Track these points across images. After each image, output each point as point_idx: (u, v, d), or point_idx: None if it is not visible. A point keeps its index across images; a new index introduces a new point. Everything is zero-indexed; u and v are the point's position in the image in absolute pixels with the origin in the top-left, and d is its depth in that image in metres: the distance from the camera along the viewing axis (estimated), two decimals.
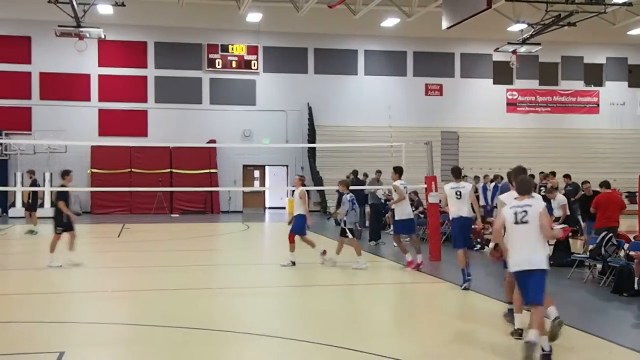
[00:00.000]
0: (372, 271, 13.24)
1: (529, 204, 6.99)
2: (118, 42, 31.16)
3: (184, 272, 12.78)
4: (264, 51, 33.07)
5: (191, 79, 32.45)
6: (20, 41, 30.85)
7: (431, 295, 11.11)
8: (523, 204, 7.00)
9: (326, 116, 33.01)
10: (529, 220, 6.89)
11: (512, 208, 7.04)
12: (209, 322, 8.58)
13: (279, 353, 7.34)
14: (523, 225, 6.91)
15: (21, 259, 12.82)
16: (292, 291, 11.40)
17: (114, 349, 7.44)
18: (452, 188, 11.18)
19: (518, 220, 6.93)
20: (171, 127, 31.44)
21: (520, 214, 6.94)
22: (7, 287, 11.28)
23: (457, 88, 35.19)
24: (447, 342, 7.76)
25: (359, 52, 34.28)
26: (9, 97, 30.57)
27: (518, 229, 6.94)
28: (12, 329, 8.24)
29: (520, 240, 6.93)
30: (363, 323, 8.86)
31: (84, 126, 30.71)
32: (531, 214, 6.90)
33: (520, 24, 27.68)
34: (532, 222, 6.88)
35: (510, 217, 6.99)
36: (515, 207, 7.02)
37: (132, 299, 10.57)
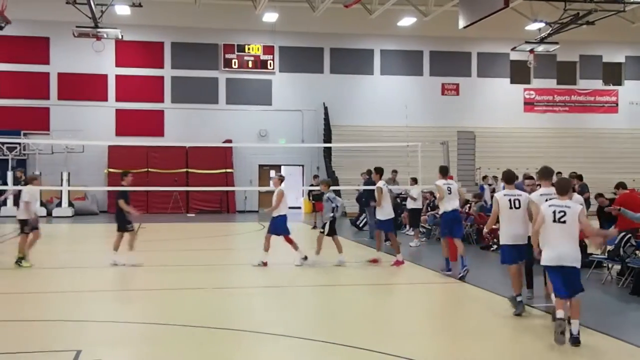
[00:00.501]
0: (388, 271, 13.19)
1: (569, 206, 7.45)
2: (135, 43, 31.36)
3: (200, 272, 12.81)
4: (280, 51, 33.11)
5: (207, 79, 32.56)
6: (39, 42, 31.15)
7: (448, 295, 11.04)
8: (563, 205, 7.45)
9: (342, 116, 32.97)
10: (567, 220, 7.35)
11: (551, 207, 7.47)
12: (225, 321, 8.58)
13: (296, 353, 7.33)
14: (561, 225, 7.36)
15: (40, 258, 12.91)
16: (308, 291, 11.37)
17: (130, 347, 7.46)
18: (444, 184, 12.19)
19: (556, 219, 7.38)
20: (187, 127, 31.58)
21: (559, 214, 7.39)
22: (26, 286, 11.36)
23: (473, 87, 34.99)
24: (463, 342, 7.70)
25: (375, 52, 34.20)
26: (28, 97, 30.89)
27: (555, 227, 7.38)
28: (31, 327, 8.30)
29: (557, 237, 7.38)
30: (379, 323, 8.82)
31: (101, 126, 30.95)
32: (570, 215, 7.36)
33: (538, 23, 27.45)
34: (569, 222, 7.35)
35: (549, 215, 7.42)
36: (554, 206, 7.46)
37: (148, 298, 10.61)
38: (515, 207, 8.99)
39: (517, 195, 9.08)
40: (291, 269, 13.11)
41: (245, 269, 13.04)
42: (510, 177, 9.36)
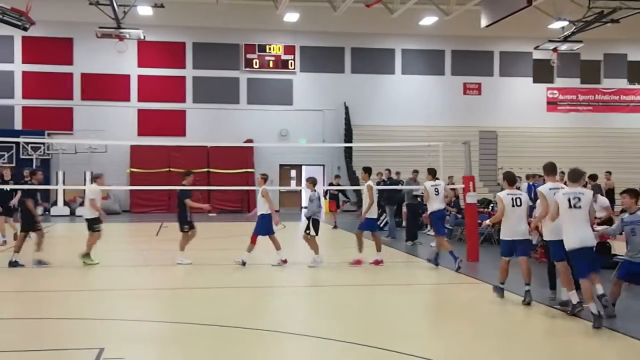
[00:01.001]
0: (408, 271, 13.14)
1: (582, 192, 8.28)
2: (157, 43, 31.58)
3: (221, 271, 12.85)
4: (301, 51, 33.14)
5: (229, 79, 32.68)
6: (63, 43, 31.49)
7: (467, 295, 10.95)
8: (577, 192, 8.24)
9: (363, 116, 32.91)
10: (582, 205, 8.14)
11: (565, 195, 8.23)
12: (245, 320, 8.59)
13: (313, 352, 7.31)
14: (577, 210, 8.13)
15: (60, 257, 13.05)
16: (327, 290, 11.35)
17: (152, 346, 7.50)
18: (432, 185, 13.44)
19: (572, 205, 8.13)
20: (209, 127, 31.72)
21: (574, 200, 8.15)
22: (49, 285, 11.48)
23: (496, 87, 34.74)
24: (481, 343, 7.63)
25: (396, 51, 34.09)
26: (52, 97, 31.24)
27: (572, 213, 8.13)
28: (55, 325, 8.38)
29: (575, 222, 8.11)
30: (397, 323, 8.77)
31: (124, 126, 31.21)
32: (584, 200, 8.16)
33: (561, 22, 27.17)
34: (584, 207, 8.15)
35: (565, 202, 8.17)
36: (568, 194, 8.21)
37: (169, 297, 10.67)
38: (517, 205, 9.73)
39: (519, 194, 9.91)
40: (311, 269, 13.09)
41: (265, 268, 13.05)
42: (511, 178, 10.10)
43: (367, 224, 13.44)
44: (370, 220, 13.45)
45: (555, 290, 10.01)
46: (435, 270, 13.19)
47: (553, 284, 10.01)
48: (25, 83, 31.27)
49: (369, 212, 13.30)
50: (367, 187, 13.32)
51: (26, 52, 31.21)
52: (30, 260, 12.88)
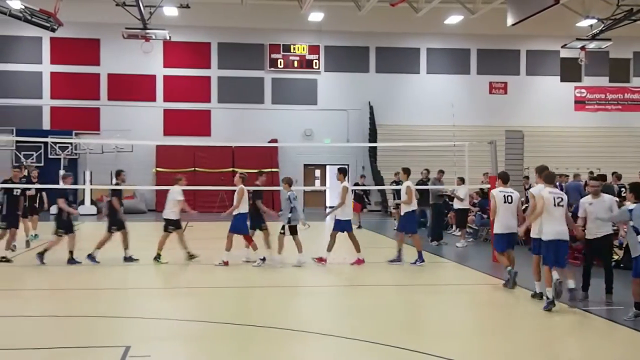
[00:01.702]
0: (433, 271, 13.05)
1: (511, 191, 10.57)
2: (182, 43, 31.78)
3: (245, 270, 12.88)
4: (325, 50, 33.12)
5: (253, 79, 32.78)
6: (90, 43, 31.84)
7: (494, 296, 10.84)
8: (559, 193, 9.53)
9: (388, 115, 32.80)
10: (563, 204, 9.34)
11: (551, 194, 9.35)
12: (269, 319, 8.60)
13: (336, 351, 7.29)
14: (560, 208, 9.31)
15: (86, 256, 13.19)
16: (352, 290, 11.33)
17: (177, 344, 7.54)
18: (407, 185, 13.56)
19: (556, 204, 9.27)
20: (234, 127, 31.85)
21: (557, 199, 9.32)
22: (77, 283, 11.60)
23: (522, 86, 34.40)
24: (503, 344, 7.55)
25: (422, 50, 33.91)
26: (79, 98, 31.61)
27: (556, 210, 9.26)
28: (82, 322, 8.47)
29: (557, 218, 9.27)
30: (420, 323, 8.73)
31: (150, 126, 31.47)
32: (564, 201, 9.41)
33: (589, 19, 26.77)
34: (565, 206, 9.37)
35: (551, 201, 9.28)
36: (553, 193, 9.38)
37: (194, 296, 10.73)
38: (508, 202, 10.89)
39: (510, 192, 11.01)
40: (331, 268, 13.08)
41: (288, 268, 13.05)
42: (505, 177, 11.32)
43: (342, 224, 13.29)
44: (345, 222, 13.28)
45: (587, 292, 9.88)
46: (461, 270, 13.11)
47: (586, 285, 9.90)
48: (53, 84, 31.68)
49: (344, 214, 13.25)
50: (342, 188, 13.29)
51: (54, 53, 31.62)
52: (64, 259, 13.03)
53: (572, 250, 14.08)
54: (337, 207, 13.29)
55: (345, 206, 13.27)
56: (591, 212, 9.87)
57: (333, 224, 13.51)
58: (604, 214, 9.69)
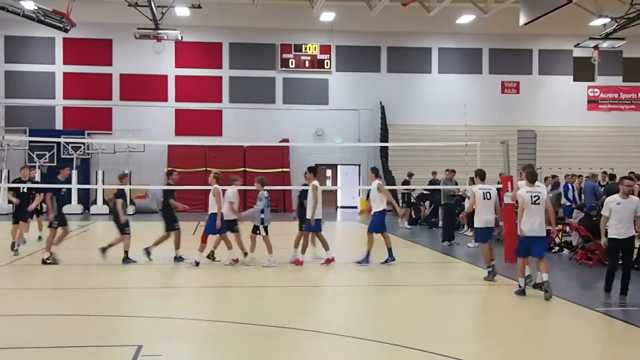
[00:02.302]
0: (444, 271, 13.00)
1: (540, 192, 10.23)
2: (194, 44, 31.87)
3: (257, 270, 12.89)
4: (336, 50, 33.10)
5: (265, 78, 32.82)
6: (102, 44, 32.00)
7: (505, 297, 10.78)
8: (536, 191, 10.15)
9: (399, 115, 32.74)
10: (540, 202, 10.07)
11: (529, 193, 10.11)
12: (282, 319, 8.60)
13: (348, 352, 7.27)
14: (537, 205, 10.05)
15: (97, 255, 13.23)
16: (363, 290, 11.31)
17: (189, 343, 7.55)
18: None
19: (533, 201, 10.04)
20: (245, 127, 31.91)
21: (534, 197, 10.06)
22: (88, 282, 11.66)
23: (535, 85, 34.24)
24: (517, 346, 7.50)
25: (433, 50, 33.83)
26: (91, 98, 31.77)
27: (533, 207, 10.03)
28: (95, 322, 8.50)
29: (533, 215, 10.02)
30: (431, 324, 8.68)
31: (161, 126, 31.59)
32: (541, 198, 10.11)
33: (602, 18, 26.57)
34: (542, 204, 10.09)
35: (528, 199, 10.06)
36: (530, 192, 10.11)
37: (206, 296, 10.74)
38: (487, 199, 11.72)
39: (489, 189, 11.83)
40: (342, 269, 13.06)
41: (302, 267, 13.05)
42: (483, 174, 12.08)
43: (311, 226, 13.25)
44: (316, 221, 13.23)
45: (609, 293, 9.79)
46: (472, 270, 13.04)
47: (609, 286, 9.81)
48: (66, 84, 31.86)
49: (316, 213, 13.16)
50: (312, 187, 13.20)
51: (67, 54, 31.80)
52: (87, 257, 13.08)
53: (585, 251, 14.02)
54: (314, 208, 13.12)
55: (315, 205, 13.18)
56: (619, 212, 9.64)
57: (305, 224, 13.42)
58: (629, 215, 9.57)
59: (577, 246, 14.90)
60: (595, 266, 13.21)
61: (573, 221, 15.34)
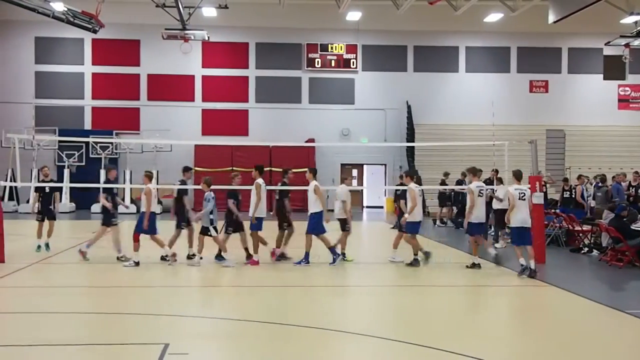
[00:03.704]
0: (470, 272, 12.87)
1: (525, 189, 12.26)
2: (221, 44, 32.03)
3: (283, 269, 12.90)
4: (363, 50, 33.02)
5: (291, 78, 32.86)
6: (130, 44, 32.32)
7: (533, 297, 10.66)
8: (522, 188, 12.18)
9: (426, 114, 32.55)
10: (525, 198, 12.07)
11: (517, 190, 12.08)
12: (305, 319, 8.59)
13: (372, 352, 7.23)
14: (522, 201, 12.03)
15: (130, 254, 13.34)
16: (388, 290, 11.26)
17: (215, 342, 7.57)
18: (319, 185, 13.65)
19: (520, 197, 11.99)
20: (271, 127, 31.99)
21: (521, 194, 12.05)
22: (117, 280, 11.76)
23: (564, 84, 33.78)
24: (544, 347, 7.38)
25: (460, 49, 33.57)
26: (120, 98, 32.11)
27: (519, 202, 12.00)
28: (122, 320, 8.57)
29: (520, 209, 11.98)
30: (456, 324, 8.60)
31: (188, 126, 31.80)
32: (526, 194, 12.15)
33: (634, 16, 26.05)
34: (527, 200, 12.09)
35: (517, 195, 12.03)
36: (518, 189, 12.10)
37: (232, 294, 10.77)
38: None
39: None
40: (365, 269, 13.00)
41: (323, 267, 13.03)
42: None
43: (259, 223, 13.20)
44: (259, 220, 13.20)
45: None
46: (497, 271, 12.91)
47: None
48: (94, 84, 32.23)
49: (260, 212, 13.16)
50: (255, 185, 13.29)
51: (96, 54, 32.18)
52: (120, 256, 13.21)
53: (615, 252, 13.79)
54: (255, 206, 13.11)
55: (262, 205, 13.23)
56: None
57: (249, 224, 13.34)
58: None
59: (607, 247, 14.67)
60: (626, 267, 13.00)
61: (603, 222, 15.10)
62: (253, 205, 13.15)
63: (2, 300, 10.09)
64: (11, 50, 31.78)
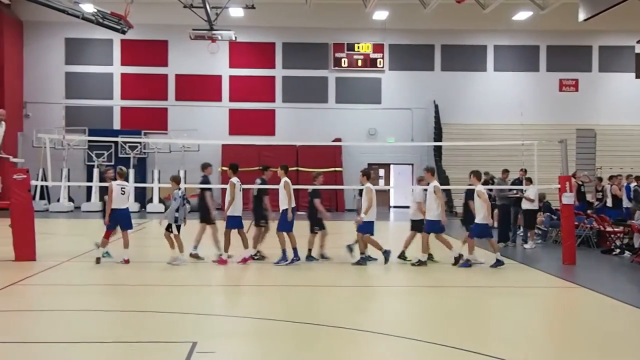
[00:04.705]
0: (500, 273, 12.74)
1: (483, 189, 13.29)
2: (248, 44, 32.16)
3: (310, 269, 12.89)
4: (389, 49, 32.90)
5: (317, 78, 32.87)
6: (158, 45, 32.61)
7: (563, 299, 10.50)
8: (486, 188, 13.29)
9: (453, 114, 32.32)
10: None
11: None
12: (333, 318, 8.56)
13: (401, 353, 7.17)
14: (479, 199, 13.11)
15: (153, 253, 13.46)
16: (415, 291, 11.18)
17: (242, 341, 7.57)
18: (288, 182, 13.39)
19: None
20: (298, 126, 32.04)
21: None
22: (146, 279, 11.85)
23: (594, 83, 33.29)
24: (570, 349, 7.26)
25: (488, 48, 33.28)
26: (148, 98, 32.41)
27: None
28: (150, 318, 8.62)
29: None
30: (485, 326, 8.51)
31: (215, 125, 31.99)
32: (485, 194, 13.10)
33: None
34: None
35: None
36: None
37: (261, 294, 10.79)
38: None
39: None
40: (397, 269, 12.94)
41: (347, 267, 13.00)
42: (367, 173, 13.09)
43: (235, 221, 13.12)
44: (237, 218, 13.13)
45: None
46: (529, 272, 12.76)
47: None
48: (123, 84, 32.60)
49: (234, 210, 13.11)
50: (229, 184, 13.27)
51: (124, 55, 32.53)
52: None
53: None
54: (229, 205, 13.07)
55: (236, 202, 13.16)
56: None
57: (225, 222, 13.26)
58: None
59: (639, 248, 14.42)
60: None
61: (635, 223, 14.84)
62: (226, 204, 13.18)
63: (33, 297, 10.23)
64: (42, 51, 32.27)
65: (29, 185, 13.59)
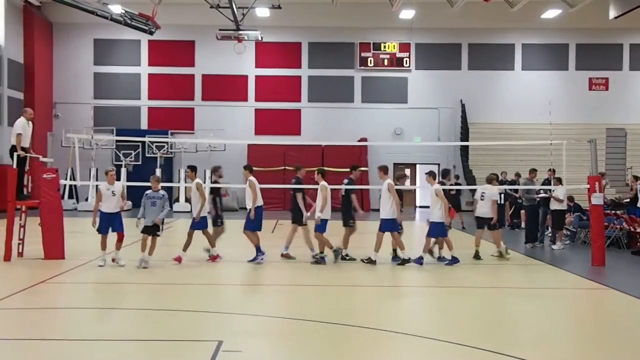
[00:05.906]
0: (527, 274, 12.60)
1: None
2: (274, 44, 32.25)
3: (335, 269, 12.87)
4: (416, 48, 32.75)
5: (343, 77, 32.84)
6: (185, 45, 32.85)
7: (592, 300, 10.33)
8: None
9: (480, 113, 32.07)
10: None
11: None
12: (360, 319, 8.53)
13: (426, 353, 7.12)
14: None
15: (179, 252, 13.52)
16: (442, 291, 11.08)
17: (268, 340, 7.58)
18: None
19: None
20: (323, 126, 32.04)
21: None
22: (174, 278, 11.92)
23: (625, 82, 32.79)
24: (598, 352, 7.13)
25: (516, 46, 32.95)
26: (175, 98, 32.67)
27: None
28: (177, 316, 8.67)
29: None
30: (512, 327, 8.41)
31: (242, 125, 32.14)
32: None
33: None
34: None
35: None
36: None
37: (286, 293, 10.79)
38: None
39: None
40: (423, 269, 12.86)
41: (378, 267, 12.95)
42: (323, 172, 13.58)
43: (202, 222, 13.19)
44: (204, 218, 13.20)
45: None
46: (556, 273, 12.59)
47: None
48: (150, 85, 32.90)
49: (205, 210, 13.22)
50: (195, 184, 13.28)
51: (152, 55, 32.83)
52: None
53: None
54: (201, 207, 13.12)
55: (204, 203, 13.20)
56: None
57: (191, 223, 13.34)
58: None
59: None
60: None
61: None
62: (199, 205, 13.22)
63: (62, 295, 10.36)
64: (71, 52, 32.70)
65: (58, 184, 13.79)
